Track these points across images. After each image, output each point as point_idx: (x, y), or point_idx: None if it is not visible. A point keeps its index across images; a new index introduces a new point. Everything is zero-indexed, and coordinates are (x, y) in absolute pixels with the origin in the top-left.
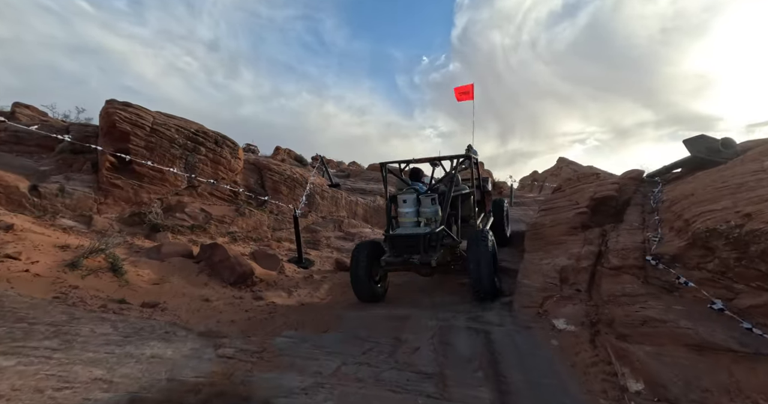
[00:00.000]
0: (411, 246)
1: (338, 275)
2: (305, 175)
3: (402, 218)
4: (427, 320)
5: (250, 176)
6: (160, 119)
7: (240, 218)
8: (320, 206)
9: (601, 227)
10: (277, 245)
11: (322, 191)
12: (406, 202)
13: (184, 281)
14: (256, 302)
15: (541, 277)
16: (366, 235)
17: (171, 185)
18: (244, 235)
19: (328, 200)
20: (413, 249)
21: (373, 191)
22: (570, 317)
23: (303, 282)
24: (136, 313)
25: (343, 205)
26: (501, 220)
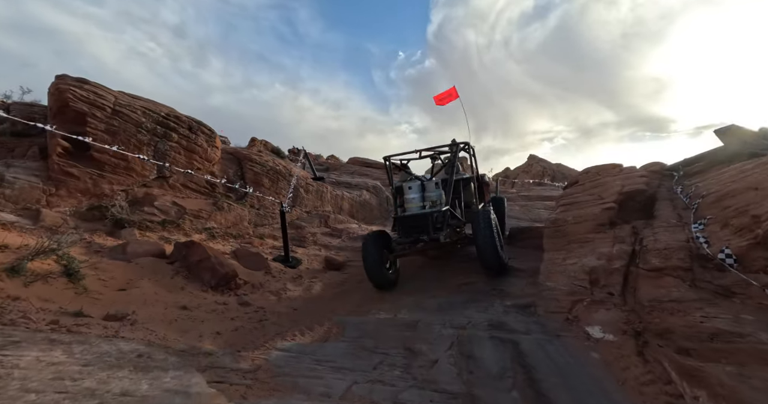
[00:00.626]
0: (419, 226)
1: (329, 274)
2: (289, 167)
3: (408, 204)
4: (439, 327)
5: (229, 167)
6: (123, 100)
7: (218, 213)
8: (305, 200)
9: (629, 224)
10: (260, 242)
11: (307, 184)
12: (412, 189)
13: (156, 285)
14: (243, 308)
15: (567, 279)
16: (353, 231)
17: (138, 175)
18: (223, 231)
19: (313, 194)
20: (422, 229)
21: (359, 185)
22: (606, 324)
23: (292, 283)
24: (98, 330)
25: (329, 199)
26: (502, 217)
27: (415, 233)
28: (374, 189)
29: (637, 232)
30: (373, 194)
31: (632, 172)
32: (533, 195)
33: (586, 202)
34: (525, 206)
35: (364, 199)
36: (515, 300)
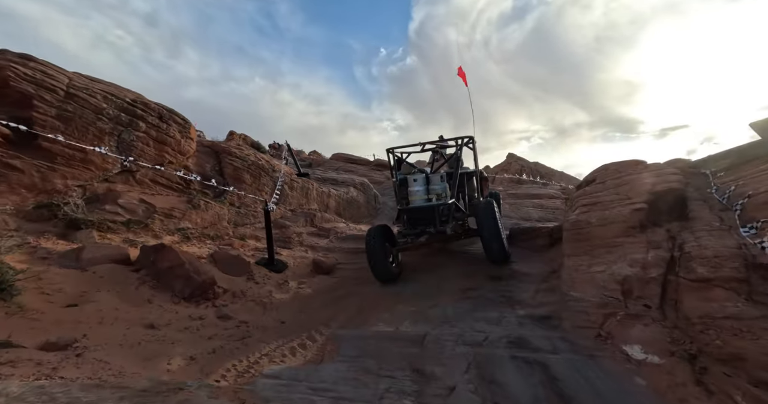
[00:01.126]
0: (425, 218)
1: (318, 279)
2: (272, 162)
3: (413, 197)
4: (451, 343)
5: (206, 161)
6: (79, 82)
7: (193, 212)
8: (289, 197)
9: (661, 226)
10: (241, 244)
11: (292, 181)
12: (417, 181)
13: (117, 298)
14: (222, 322)
15: (595, 288)
16: (341, 231)
17: (98, 169)
18: (199, 232)
19: (298, 191)
20: (428, 221)
21: (346, 181)
22: (647, 343)
23: (278, 290)
24: (27, 369)
25: (315, 197)
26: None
27: (422, 225)
28: (362, 186)
29: (674, 236)
30: (361, 191)
31: (661, 169)
32: (521, 193)
33: (611, 202)
34: (514, 204)
35: (351, 196)
36: (529, 310)
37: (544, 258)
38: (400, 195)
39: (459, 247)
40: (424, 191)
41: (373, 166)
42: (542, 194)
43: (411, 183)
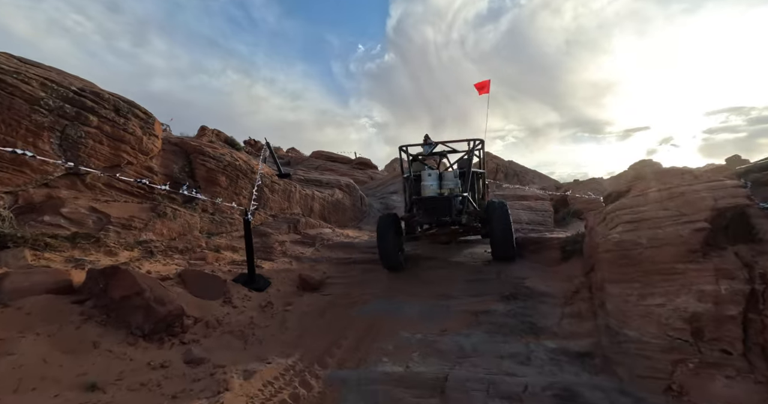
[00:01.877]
0: (442, 208)
1: (306, 298)
2: (251, 162)
3: (426, 191)
4: (482, 394)
5: (173, 162)
6: (8, 64)
7: (158, 221)
8: (270, 201)
9: (725, 249)
10: (216, 257)
11: (272, 183)
12: (431, 176)
13: (47, 345)
14: (192, 369)
15: (656, 326)
16: (327, 237)
17: (35, 171)
18: (166, 245)
19: (279, 194)
20: (443, 211)
21: (330, 182)
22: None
23: (261, 315)
24: None
25: (297, 200)
26: None
27: (437, 215)
28: (347, 187)
29: (749, 264)
30: (346, 193)
31: (718, 180)
32: (508, 194)
33: (661, 219)
34: None
35: (336, 199)
36: (560, 342)
37: (560, 274)
38: (413, 189)
39: (462, 257)
40: (437, 185)
41: (354, 164)
42: (529, 195)
43: (425, 178)
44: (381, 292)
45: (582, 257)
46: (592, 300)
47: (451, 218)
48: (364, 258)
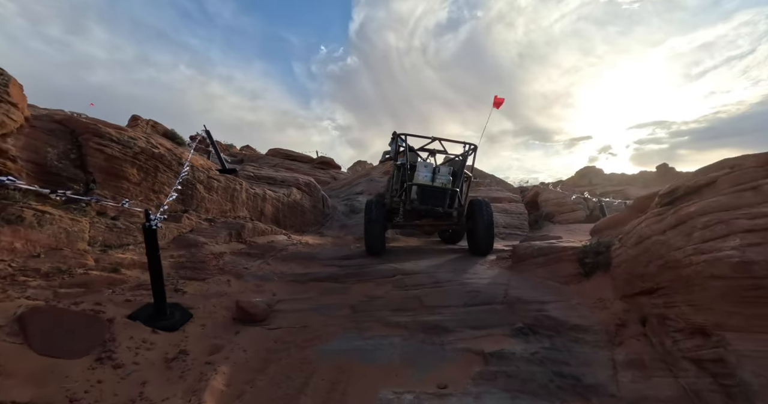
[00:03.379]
0: (437, 197)
1: (243, 337)
2: (177, 151)
3: (418, 180)
4: None
5: (49, 145)
6: None
7: (7, 229)
8: (205, 201)
9: None
10: (109, 281)
11: (209, 178)
12: (426, 167)
13: None
14: None
15: None
16: (281, 246)
17: None
18: (20, 266)
19: (220, 193)
20: (438, 201)
21: (287, 181)
22: None
23: (161, 381)
24: None
25: (244, 200)
26: None
27: (432, 203)
28: (307, 187)
29: None
30: (306, 193)
31: None
32: (481, 196)
33: None
34: None
35: (293, 200)
36: None
37: (587, 297)
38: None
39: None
40: (431, 178)
41: (316, 164)
42: (502, 197)
43: (420, 168)
44: (349, 321)
45: (609, 272)
46: (654, 341)
47: (443, 209)
48: (326, 274)
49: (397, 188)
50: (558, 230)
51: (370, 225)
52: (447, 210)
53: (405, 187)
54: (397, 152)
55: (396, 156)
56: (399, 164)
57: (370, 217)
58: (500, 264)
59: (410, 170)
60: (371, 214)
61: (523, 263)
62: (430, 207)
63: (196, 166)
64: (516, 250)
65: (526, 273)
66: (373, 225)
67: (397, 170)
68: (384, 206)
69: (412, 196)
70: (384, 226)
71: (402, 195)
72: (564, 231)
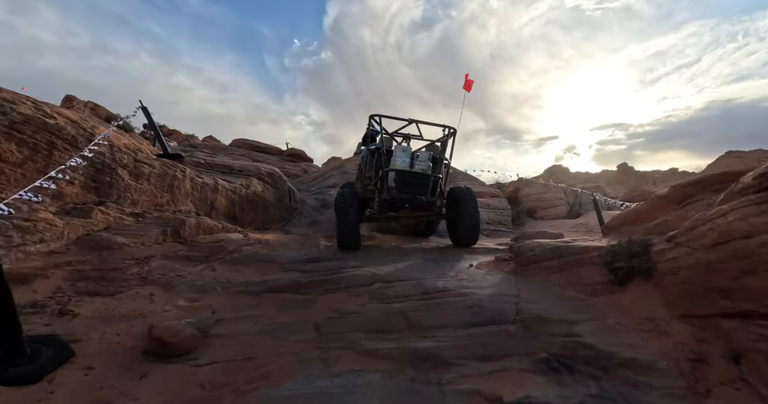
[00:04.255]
0: (419, 185)
1: (154, 382)
2: (88, 125)
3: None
4: None
5: None
6: None
7: None
8: (131, 191)
9: None
10: None
11: (137, 162)
12: (405, 152)
13: None
14: None
15: None
16: (233, 247)
17: None
18: None
19: (153, 181)
20: (420, 189)
21: (246, 170)
22: None
23: None
24: None
25: (188, 191)
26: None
27: (414, 191)
28: (270, 177)
29: None
30: (269, 184)
31: None
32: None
33: None
34: None
35: (253, 192)
36: None
37: (628, 316)
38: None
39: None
40: (409, 163)
41: (285, 156)
42: (484, 192)
43: (398, 153)
44: (312, 348)
45: (651, 280)
46: (764, 392)
47: (427, 197)
48: (287, 281)
49: (371, 175)
50: (542, 226)
51: (343, 217)
52: (430, 199)
53: (381, 174)
54: (370, 136)
55: (368, 140)
56: (373, 149)
57: (342, 207)
58: (501, 267)
59: (386, 155)
60: (344, 204)
61: (530, 266)
62: (411, 196)
63: (118, 146)
64: (520, 250)
65: (538, 280)
66: (347, 217)
67: (371, 155)
68: (357, 195)
69: (389, 184)
70: (358, 218)
71: (378, 183)
72: (548, 227)
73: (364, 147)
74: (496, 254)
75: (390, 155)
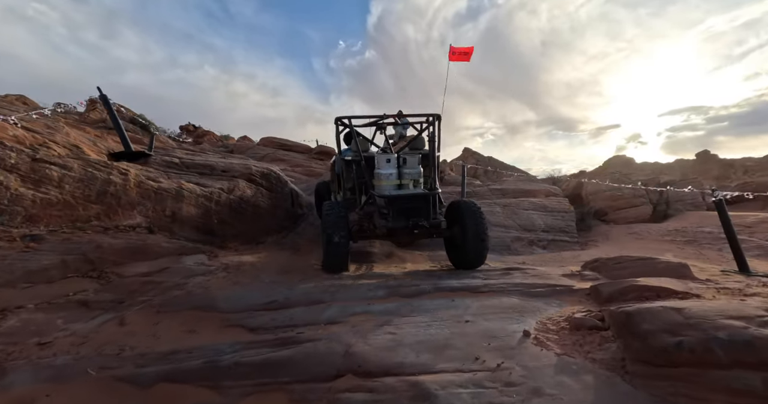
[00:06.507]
0: (416, 208)
1: None
2: None
3: (381, 181)
4: None
5: None
6: None
7: None
8: (23, 203)
9: None
10: None
11: (36, 162)
12: (390, 162)
13: None
14: None
15: None
16: (177, 277)
17: None
18: None
19: (67, 188)
20: (419, 212)
21: (231, 170)
22: None
23: None
24: None
25: (133, 200)
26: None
27: (412, 217)
28: (264, 178)
29: None
30: (261, 187)
31: None
32: (509, 189)
33: None
34: (507, 206)
35: (239, 197)
36: None
37: None
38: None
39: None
40: (396, 175)
41: (313, 154)
42: (536, 190)
43: (381, 164)
44: None
45: None
46: None
47: (429, 221)
48: (201, 362)
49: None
50: (620, 235)
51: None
52: (433, 221)
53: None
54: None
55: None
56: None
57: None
58: (588, 350)
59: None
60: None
61: (672, 373)
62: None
63: (0, 139)
64: (636, 328)
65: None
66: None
67: (347, 165)
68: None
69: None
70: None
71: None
72: (631, 236)
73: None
74: (569, 306)
75: (371, 164)
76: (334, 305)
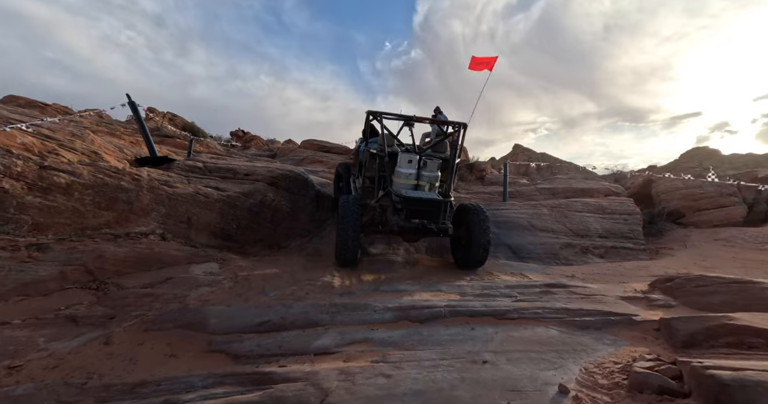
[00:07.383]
0: (428, 212)
1: None
2: None
3: (399, 179)
4: None
5: None
6: None
7: None
8: (29, 212)
9: None
10: None
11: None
12: (411, 162)
13: None
14: None
15: None
16: (179, 289)
17: None
18: None
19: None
20: (430, 215)
21: (254, 173)
22: None
23: None
24: None
25: (146, 207)
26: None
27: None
28: (286, 181)
29: None
30: (283, 190)
31: None
32: (560, 188)
33: None
34: (556, 207)
35: (260, 201)
36: None
37: None
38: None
39: None
40: (415, 176)
41: (351, 155)
42: (593, 188)
43: (403, 163)
44: None
45: None
46: None
47: (437, 225)
48: (162, 400)
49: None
50: (702, 241)
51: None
52: (441, 226)
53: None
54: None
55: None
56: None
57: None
58: None
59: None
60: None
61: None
62: (419, 225)
63: (7, 147)
64: None
65: None
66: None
67: (372, 158)
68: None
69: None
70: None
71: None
72: (713, 242)
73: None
74: (629, 347)
75: (393, 159)
76: (332, 329)
